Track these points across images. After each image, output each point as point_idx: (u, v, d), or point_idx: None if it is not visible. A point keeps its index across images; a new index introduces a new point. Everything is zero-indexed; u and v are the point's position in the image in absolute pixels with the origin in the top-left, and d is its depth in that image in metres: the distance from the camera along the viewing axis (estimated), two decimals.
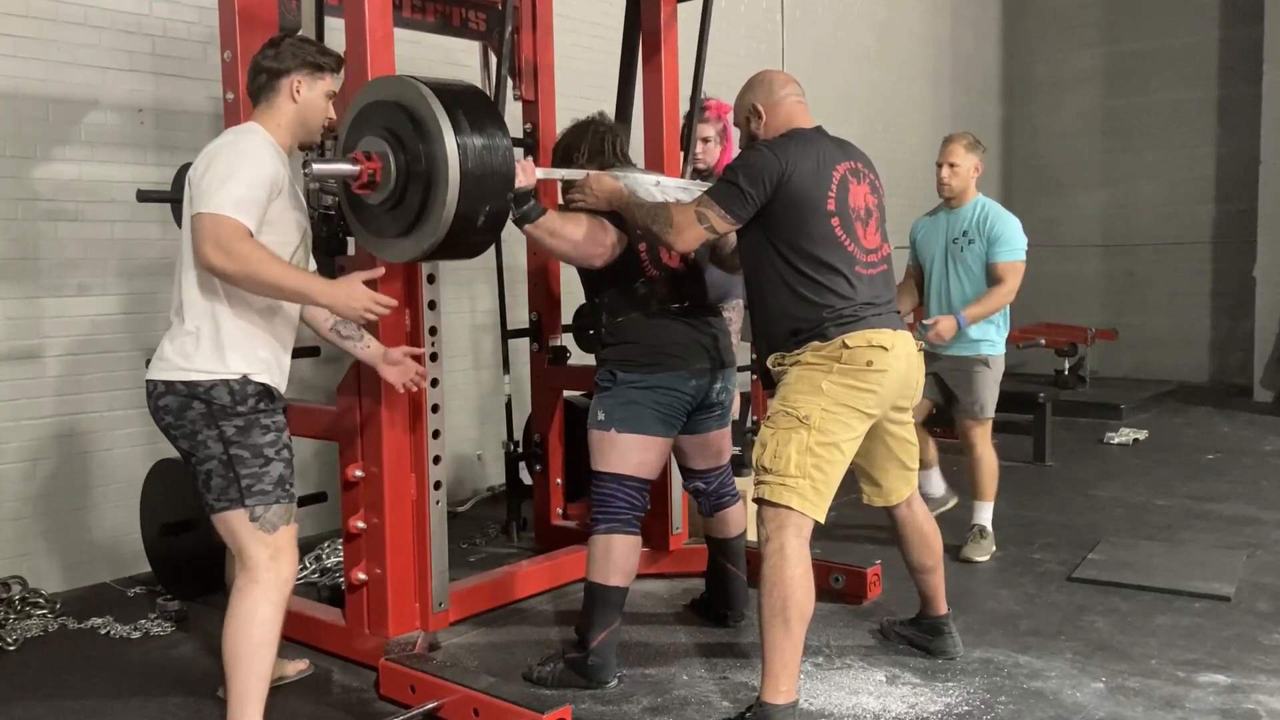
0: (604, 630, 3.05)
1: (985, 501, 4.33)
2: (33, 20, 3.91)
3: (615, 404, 3.08)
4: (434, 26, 4.05)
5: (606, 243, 3.07)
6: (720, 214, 2.81)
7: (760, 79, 3.04)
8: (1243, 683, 3.03)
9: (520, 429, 4.68)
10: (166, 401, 2.54)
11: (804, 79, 3.13)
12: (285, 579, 2.58)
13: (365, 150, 2.56)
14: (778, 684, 2.66)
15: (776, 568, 2.67)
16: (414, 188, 2.50)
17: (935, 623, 3.27)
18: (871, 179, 2.97)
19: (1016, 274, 4.17)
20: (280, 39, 2.74)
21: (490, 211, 2.54)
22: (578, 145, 3.34)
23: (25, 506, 3.96)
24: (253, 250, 2.40)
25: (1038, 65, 10.60)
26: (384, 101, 2.58)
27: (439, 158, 2.44)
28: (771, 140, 2.90)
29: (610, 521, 3.06)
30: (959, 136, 4.31)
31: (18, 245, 3.92)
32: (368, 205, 2.63)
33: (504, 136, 2.55)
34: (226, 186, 2.43)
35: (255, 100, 2.71)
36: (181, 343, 2.55)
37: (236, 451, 2.51)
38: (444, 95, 2.49)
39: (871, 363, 2.74)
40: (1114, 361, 9.68)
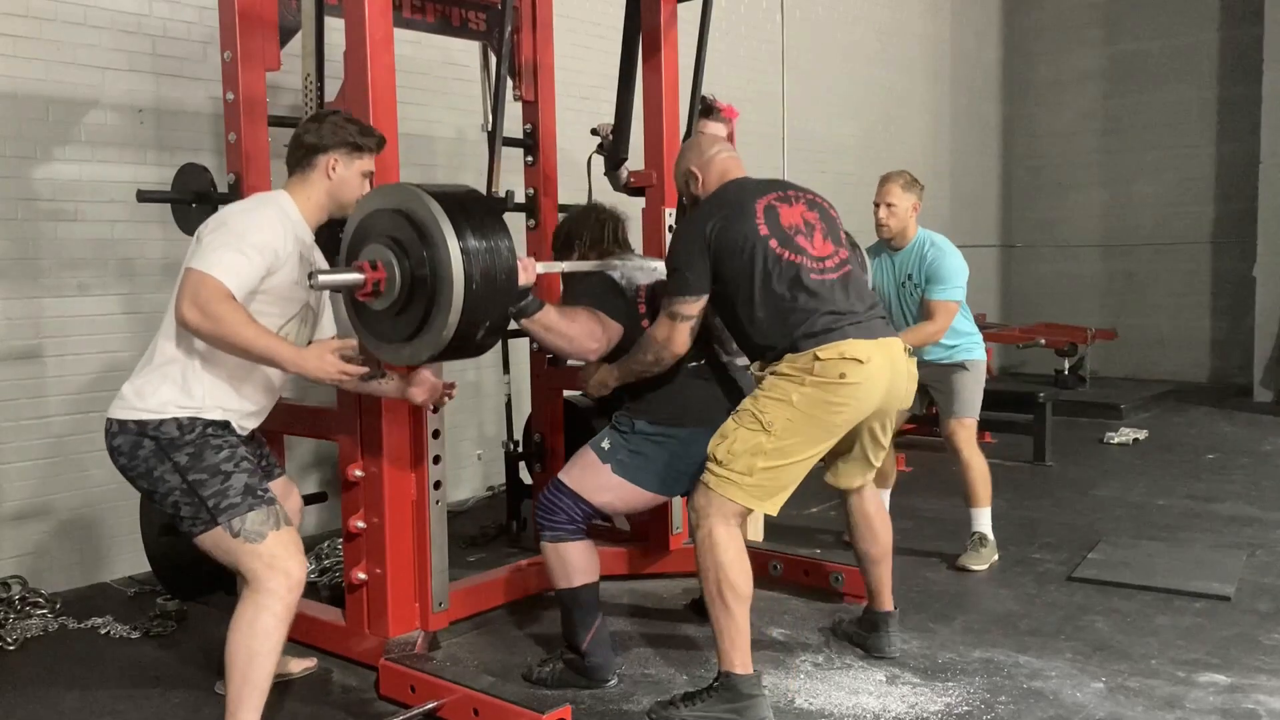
0: (589, 630, 3.05)
1: (982, 508, 4.23)
2: (33, 20, 3.91)
3: (624, 446, 3.05)
4: (434, 26, 4.04)
5: (602, 337, 3.08)
6: (684, 300, 2.90)
7: (690, 144, 3.21)
8: (1243, 683, 3.03)
9: (520, 429, 4.68)
10: (119, 442, 2.56)
11: (804, 79, 3.16)
12: (289, 586, 2.50)
13: (370, 259, 2.54)
14: (731, 658, 2.74)
15: (707, 553, 2.75)
16: (418, 294, 2.50)
17: (875, 618, 3.29)
18: (808, 199, 3.03)
19: (947, 313, 4.09)
20: (325, 115, 2.77)
21: (495, 313, 2.54)
22: (579, 233, 3.42)
23: (25, 507, 3.97)
24: (228, 311, 2.42)
25: (1038, 65, 10.60)
26: (387, 209, 2.57)
27: (442, 263, 2.44)
28: (692, 211, 3.05)
29: (554, 530, 3.04)
30: (895, 175, 4.23)
31: (18, 245, 3.92)
32: (372, 310, 2.61)
33: (505, 238, 2.54)
34: (224, 250, 2.47)
35: (291, 170, 2.74)
36: (142, 383, 2.58)
37: (194, 477, 2.50)
38: (445, 201, 2.49)
39: (844, 375, 2.73)
40: (1114, 361, 9.68)
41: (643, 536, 4.11)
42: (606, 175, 4.20)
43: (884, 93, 8.90)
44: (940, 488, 4.69)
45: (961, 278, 4.14)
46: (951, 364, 4.22)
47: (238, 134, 3.33)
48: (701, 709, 2.73)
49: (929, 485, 5.14)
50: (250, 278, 2.51)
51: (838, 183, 8.28)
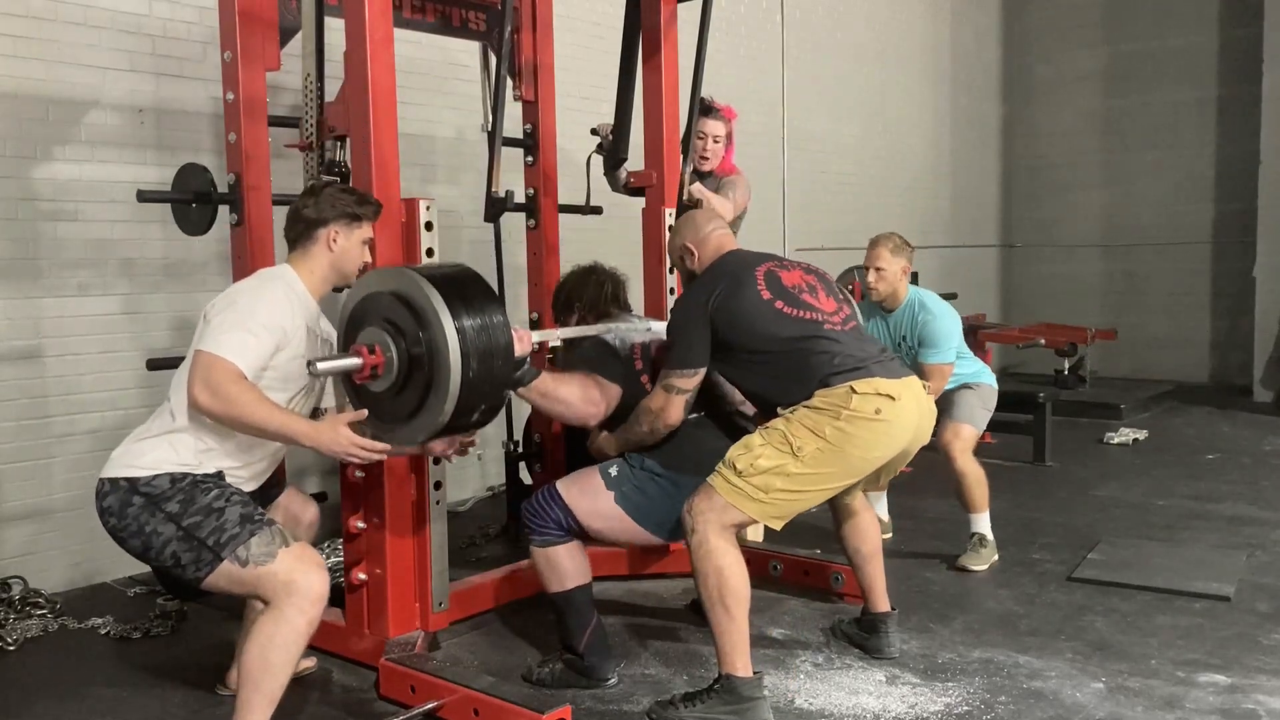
0: (585, 631, 3.05)
1: (979, 513, 4.20)
2: (33, 20, 3.91)
3: (632, 481, 3.05)
4: (434, 27, 4.05)
5: (601, 401, 3.09)
6: (680, 374, 2.92)
7: (686, 220, 3.25)
8: (1242, 683, 3.03)
9: (520, 429, 4.68)
10: (109, 502, 2.56)
11: (804, 79, 3.18)
12: (312, 600, 2.45)
13: (368, 343, 2.55)
14: (733, 660, 2.74)
15: (703, 559, 2.74)
16: (416, 376, 2.51)
17: (874, 619, 3.29)
18: (804, 265, 3.08)
19: (941, 375, 4.11)
20: (320, 188, 2.79)
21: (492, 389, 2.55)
22: (579, 295, 3.48)
23: (25, 507, 3.97)
24: (241, 392, 2.43)
25: (1038, 65, 10.60)
26: (382, 293, 2.58)
27: (439, 345, 2.45)
28: (691, 285, 3.08)
29: (542, 535, 3.04)
30: (884, 239, 4.21)
31: (18, 245, 3.92)
32: (370, 391, 2.62)
33: (500, 313, 2.55)
34: (234, 331, 2.49)
35: (292, 246, 2.76)
36: (139, 445, 2.58)
37: (189, 521, 2.48)
38: (440, 283, 2.50)
39: (880, 411, 2.72)
40: (1114, 361, 9.68)
41: None
42: (606, 175, 4.20)
43: (884, 93, 8.89)
44: (940, 488, 4.67)
45: (954, 340, 4.16)
46: (958, 387, 4.26)
47: (238, 134, 3.34)
48: (701, 710, 2.73)
49: (929, 485, 5.14)
50: (260, 357, 2.53)
51: (838, 183, 8.30)
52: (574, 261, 3.78)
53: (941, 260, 9.16)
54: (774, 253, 3.20)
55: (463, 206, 5.20)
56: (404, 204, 3.04)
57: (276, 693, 2.46)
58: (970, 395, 4.25)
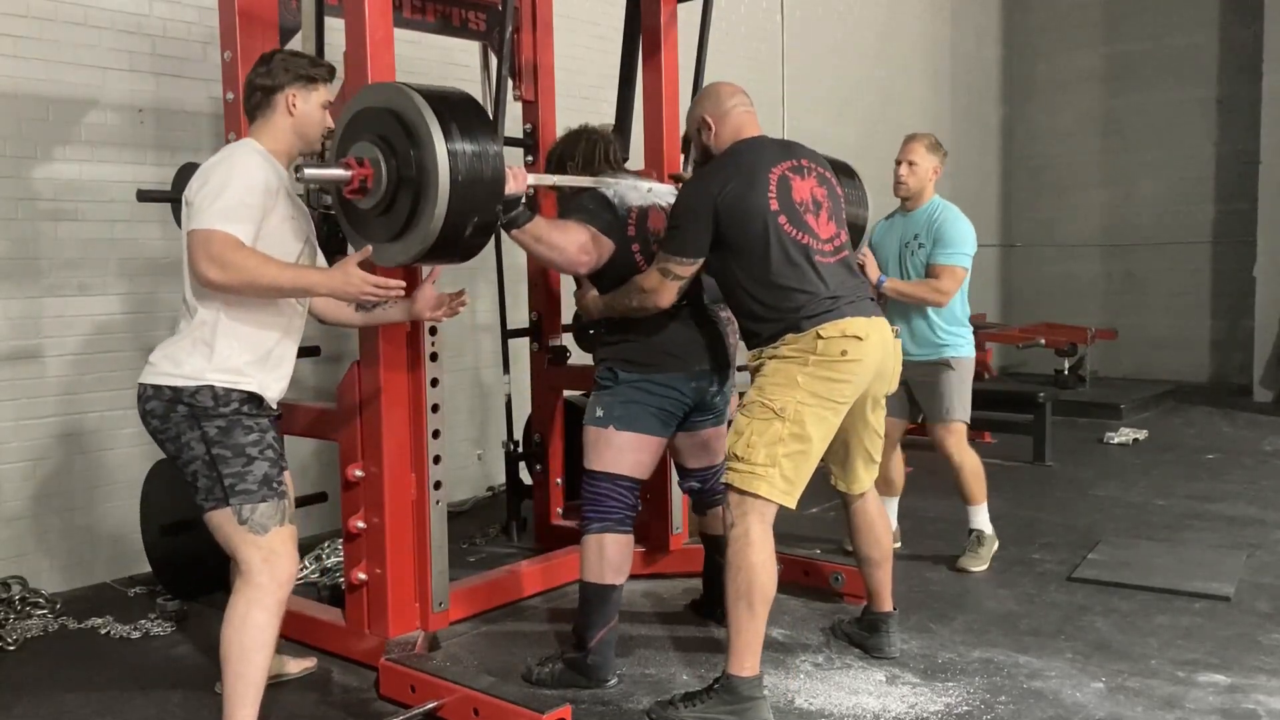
0: (602, 629, 3.05)
1: (977, 505, 4.18)
2: (33, 20, 3.91)
3: (615, 401, 3.08)
4: (434, 27, 4.05)
5: (594, 251, 3.07)
6: (678, 261, 2.92)
7: (709, 91, 3.15)
8: (1242, 683, 3.03)
9: (520, 429, 4.68)
10: (153, 405, 2.57)
11: (804, 79, 3.17)
12: (281, 582, 2.55)
13: (357, 156, 2.56)
14: (742, 660, 2.74)
15: (740, 552, 2.75)
16: (404, 194, 2.51)
17: (875, 619, 3.29)
18: (820, 172, 3.04)
19: (952, 277, 4.01)
20: (271, 55, 2.76)
21: (480, 215, 2.54)
22: (571, 154, 3.39)
23: (25, 506, 3.97)
24: (246, 258, 2.43)
25: (1038, 65, 10.60)
26: (376, 108, 2.58)
27: (429, 164, 2.45)
28: (702, 170, 3.04)
29: (604, 520, 3.06)
30: (920, 136, 4.21)
31: (18, 245, 3.92)
32: (359, 209, 2.63)
33: (494, 143, 2.55)
34: (217, 202, 2.47)
35: (252, 118, 2.74)
36: (174, 349, 2.58)
37: (219, 451, 2.52)
38: (435, 102, 2.49)
39: (846, 352, 2.79)
40: (1114, 361, 9.68)
41: (643, 536, 4.10)
42: None
43: (884, 93, 8.89)
44: (941, 488, 4.68)
45: (969, 245, 4.07)
46: (937, 361, 4.09)
47: (238, 134, 3.33)
48: (701, 709, 2.73)
49: (929, 485, 5.14)
50: (252, 219, 2.51)
51: None
52: None
53: None
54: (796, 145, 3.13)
55: None
56: None
57: (261, 678, 2.52)
58: (954, 381, 4.10)
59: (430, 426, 3.18)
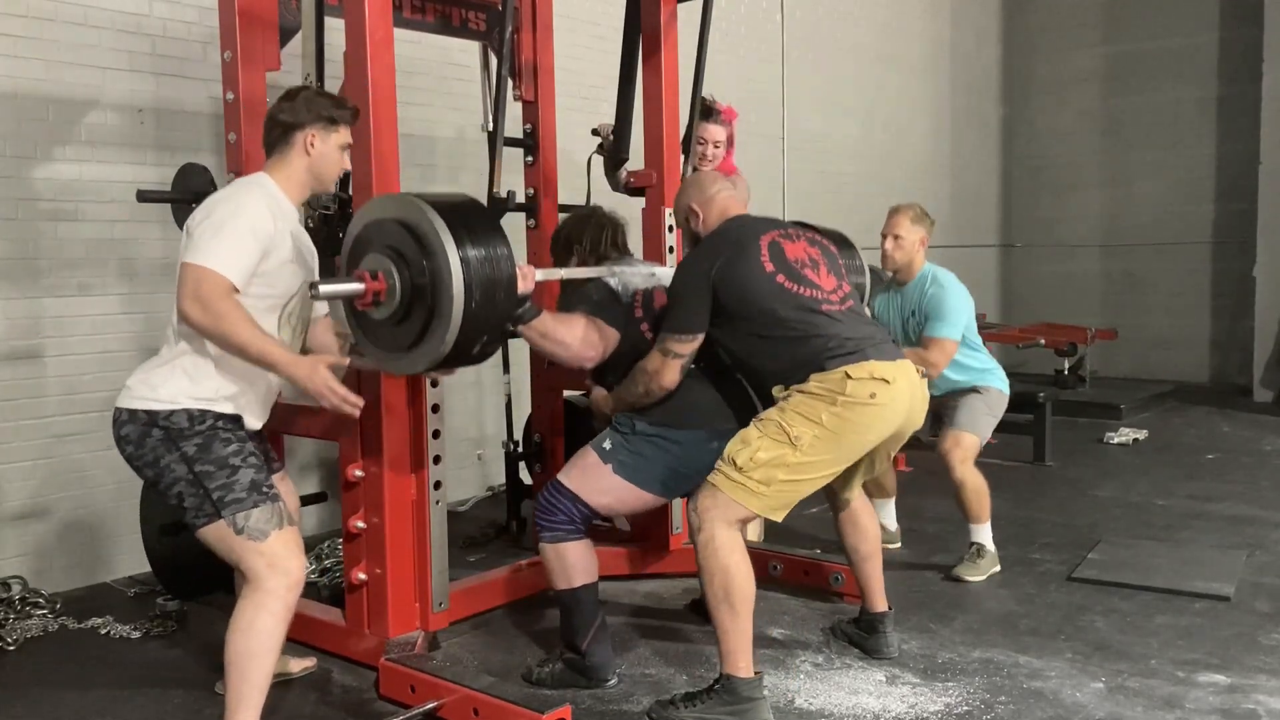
0: (589, 630, 3.05)
1: (980, 523, 4.12)
2: (33, 20, 3.91)
3: (625, 447, 3.04)
4: (434, 27, 4.05)
5: (599, 344, 3.08)
6: (679, 339, 2.92)
7: (692, 181, 3.23)
8: (1242, 683, 3.03)
9: (520, 429, 4.68)
10: (127, 431, 2.56)
11: (804, 79, 3.18)
12: (289, 586, 2.50)
13: (371, 269, 2.54)
14: (735, 660, 2.73)
15: (710, 557, 2.74)
16: (418, 305, 2.50)
17: (872, 619, 3.29)
18: (809, 236, 3.06)
19: (941, 351, 4.02)
20: (296, 91, 2.76)
21: (494, 321, 2.54)
22: (579, 237, 3.42)
23: (25, 506, 3.97)
24: (229, 309, 2.43)
25: (1038, 65, 10.59)
26: (387, 220, 2.57)
27: (442, 273, 2.44)
28: (695, 249, 3.06)
29: (554, 530, 3.03)
30: (905, 208, 4.20)
31: (18, 245, 3.92)
32: (372, 319, 2.61)
33: (504, 247, 2.54)
34: (217, 240, 2.46)
35: (269, 152, 2.73)
36: (152, 374, 2.58)
37: (201, 468, 2.50)
38: (445, 211, 2.49)
39: (875, 395, 2.73)
40: (1114, 361, 9.68)
41: (643, 537, 4.11)
42: (606, 175, 4.20)
43: (884, 93, 8.89)
44: (941, 488, 4.67)
45: (961, 316, 4.08)
46: (968, 388, 4.18)
47: (238, 134, 3.34)
48: (701, 710, 2.73)
49: (930, 486, 5.14)
50: (248, 265, 2.51)
51: (837, 183, 8.30)
52: None
53: (941, 260, 9.02)
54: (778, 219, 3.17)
55: None
56: None
57: (264, 682, 2.49)
58: (977, 400, 4.15)
59: (430, 426, 3.18)
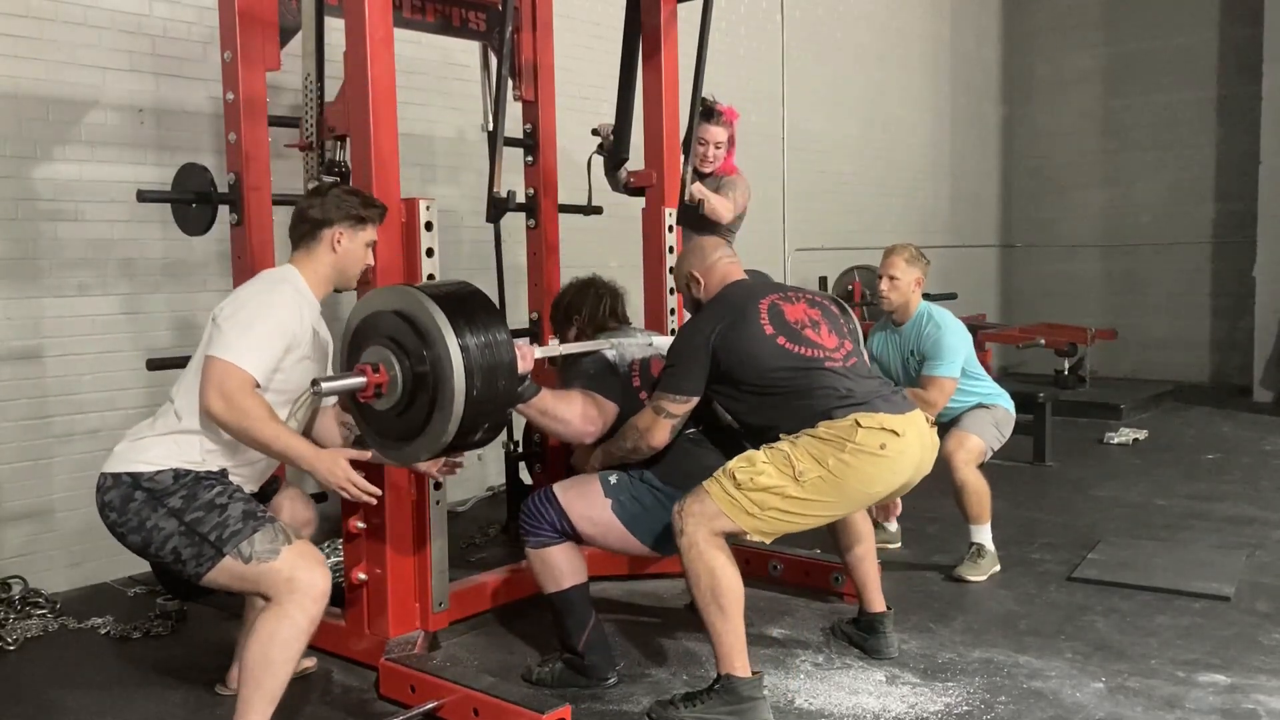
0: (583, 631, 3.05)
1: (980, 524, 4.13)
2: (33, 20, 3.91)
3: (629, 490, 3.04)
4: (434, 26, 4.04)
5: (599, 420, 3.09)
6: (672, 399, 2.92)
7: (693, 247, 3.22)
8: (1242, 683, 3.03)
9: (520, 429, 4.68)
10: (110, 497, 2.56)
11: (804, 79, 3.18)
12: (314, 598, 2.47)
13: (372, 362, 2.55)
14: (732, 661, 2.74)
15: (694, 560, 2.74)
16: (420, 396, 2.50)
17: (871, 620, 3.29)
18: (809, 297, 3.06)
19: (939, 390, 4.04)
20: (326, 188, 2.79)
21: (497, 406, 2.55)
22: (578, 308, 3.47)
23: (25, 506, 3.97)
24: (254, 407, 2.45)
25: (1038, 65, 10.60)
26: (385, 311, 2.58)
27: (443, 364, 2.44)
28: (696, 315, 3.08)
29: (536, 536, 3.05)
30: (901, 249, 4.20)
31: (18, 245, 3.92)
32: (374, 410, 2.61)
33: (503, 330, 2.54)
34: (246, 338, 2.50)
35: (295, 245, 2.76)
36: (144, 442, 2.60)
37: (191, 516, 2.49)
38: (443, 302, 2.49)
39: (884, 446, 2.72)
40: (1114, 361, 9.68)
41: None
42: (607, 176, 4.20)
43: (884, 93, 8.89)
44: (942, 488, 4.66)
45: (959, 354, 4.09)
46: (973, 405, 4.20)
47: (238, 134, 3.34)
48: (701, 710, 2.73)
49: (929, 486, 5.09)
50: (272, 362, 2.55)
51: (838, 183, 8.30)
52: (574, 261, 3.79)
53: (941, 260, 9.13)
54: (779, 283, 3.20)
55: (463, 206, 5.20)
56: (404, 204, 3.04)
57: (277, 691, 2.46)
58: (983, 412, 4.18)
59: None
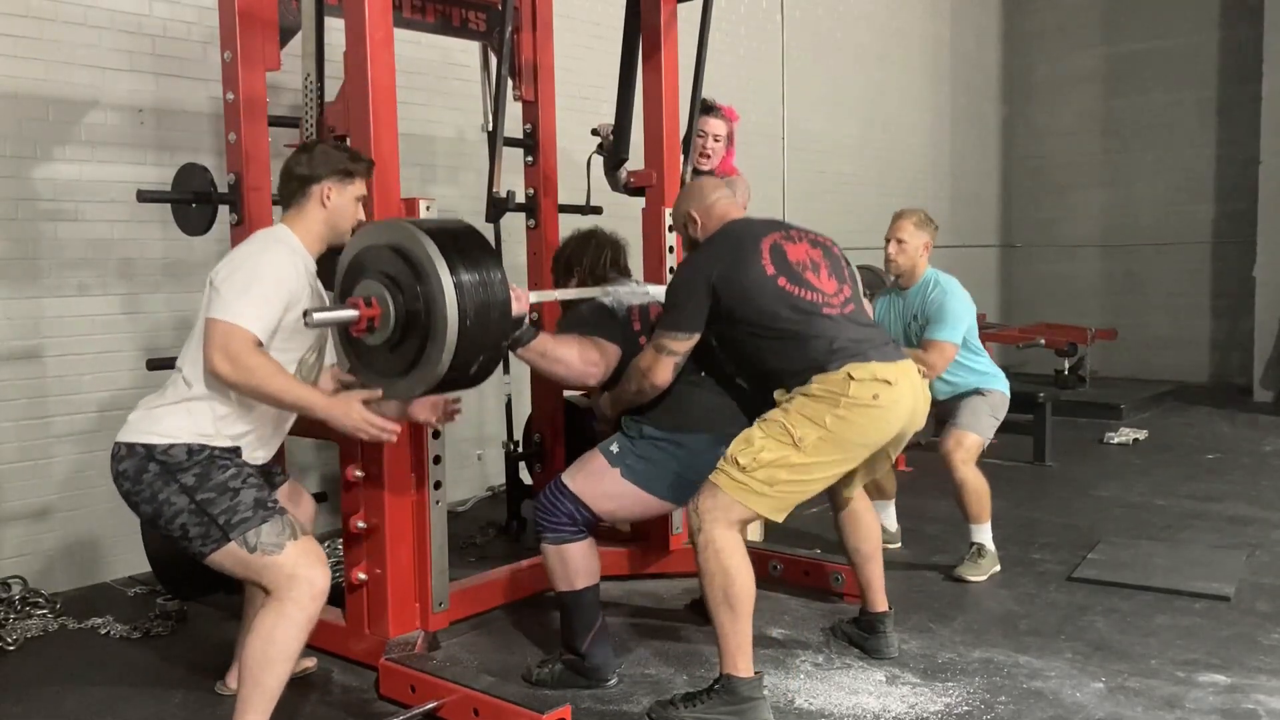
0: (589, 632, 3.05)
1: (980, 523, 4.12)
2: (33, 20, 3.91)
3: (633, 452, 3.04)
4: (434, 27, 4.04)
5: (601, 363, 3.08)
6: (673, 337, 2.92)
7: (692, 188, 3.22)
8: (1242, 683, 3.03)
9: (520, 429, 4.68)
10: (125, 466, 2.56)
11: (803, 79, 3.18)
12: (312, 596, 2.48)
13: (364, 295, 2.55)
14: (735, 661, 2.73)
15: (710, 559, 2.73)
16: (413, 329, 2.51)
17: (872, 619, 3.29)
18: (811, 237, 3.04)
19: (940, 354, 4.02)
20: (311, 145, 2.79)
21: (486, 353, 2.55)
22: (579, 258, 3.45)
23: (25, 506, 3.97)
24: (260, 363, 2.46)
25: (1038, 65, 10.60)
26: (380, 246, 2.58)
27: (436, 298, 2.45)
28: (695, 251, 3.07)
29: (556, 532, 3.03)
30: (909, 213, 4.21)
31: (18, 245, 3.92)
32: (366, 345, 2.62)
33: (498, 269, 2.55)
34: (245, 297, 2.49)
35: (285, 204, 2.76)
36: (156, 411, 2.60)
37: (202, 496, 2.50)
38: (438, 237, 2.50)
39: (878, 396, 2.74)
40: (1114, 361, 9.68)
41: (643, 536, 4.11)
42: (606, 175, 4.20)
43: (884, 93, 8.89)
44: (941, 488, 4.67)
45: (962, 321, 4.09)
46: (969, 391, 4.18)
47: (238, 134, 3.33)
48: (701, 710, 2.73)
49: (930, 486, 5.14)
50: (272, 320, 2.54)
51: (837, 183, 8.30)
52: None
53: (941, 260, 9.07)
54: (781, 220, 3.17)
55: (463, 206, 5.20)
56: (404, 204, 3.04)
57: (277, 689, 2.47)
58: (980, 402, 4.16)
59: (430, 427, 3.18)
